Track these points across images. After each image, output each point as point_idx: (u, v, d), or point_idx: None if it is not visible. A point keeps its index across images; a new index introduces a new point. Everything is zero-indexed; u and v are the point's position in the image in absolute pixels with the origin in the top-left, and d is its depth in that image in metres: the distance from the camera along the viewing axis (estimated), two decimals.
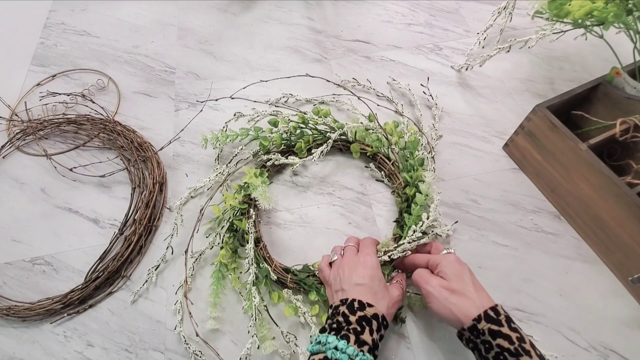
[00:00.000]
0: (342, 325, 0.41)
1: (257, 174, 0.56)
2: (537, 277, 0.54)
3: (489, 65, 0.74)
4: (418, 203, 0.55)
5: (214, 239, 0.57)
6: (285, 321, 0.52)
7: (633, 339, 0.50)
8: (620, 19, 0.51)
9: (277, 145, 0.63)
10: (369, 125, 0.64)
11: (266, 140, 0.62)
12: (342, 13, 0.87)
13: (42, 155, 0.68)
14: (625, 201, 0.48)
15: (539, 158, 0.59)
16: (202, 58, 0.80)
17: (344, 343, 0.39)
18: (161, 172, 0.65)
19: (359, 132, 0.64)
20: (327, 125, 0.64)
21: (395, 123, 0.65)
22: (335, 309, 0.43)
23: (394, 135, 0.64)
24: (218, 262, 0.55)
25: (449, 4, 0.87)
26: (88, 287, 0.55)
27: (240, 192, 0.59)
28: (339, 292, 0.45)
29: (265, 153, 0.62)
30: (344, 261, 0.48)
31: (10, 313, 0.53)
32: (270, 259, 0.55)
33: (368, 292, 0.43)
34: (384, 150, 0.63)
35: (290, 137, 0.64)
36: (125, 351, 0.52)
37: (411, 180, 0.58)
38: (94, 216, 0.62)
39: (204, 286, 0.55)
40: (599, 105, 0.59)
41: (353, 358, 0.38)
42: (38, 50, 0.83)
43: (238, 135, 0.63)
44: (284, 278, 0.53)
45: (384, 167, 0.62)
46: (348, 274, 0.45)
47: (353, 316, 0.41)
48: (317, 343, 0.40)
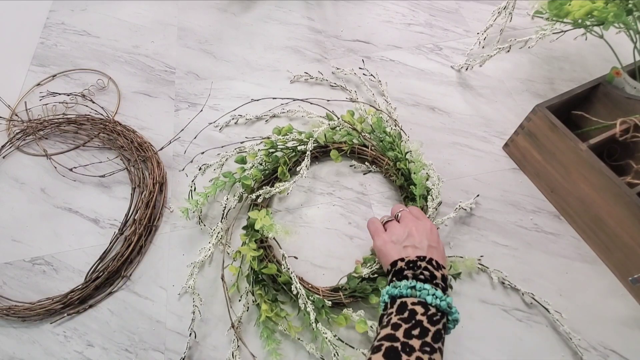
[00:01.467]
0: (429, 278, 0.40)
1: (264, 215, 0.53)
2: (537, 277, 0.54)
3: (489, 65, 0.74)
4: (416, 172, 0.56)
5: (245, 298, 0.52)
6: (356, 342, 0.50)
7: (633, 339, 0.50)
8: (620, 19, 0.51)
9: (257, 179, 0.60)
10: (333, 124, 0.63)
11: (247, 179, 0.59)
12: (342, 13, 0.87)
13: (42, 155, 0.68)
14: (625, 201, 0.48)
15: (539, 158, 0.59)
16: (202, 58, 0.80)
17: (441, 292, 0.38)
18: (161, 172, 0.65)
19: (327, 133, 0.64)
20: (295, 140, 0.63)
21: (350, 112, 0.67)
22: (413, 262, 0.42)
23: (357, 123, 0.65)
24: (262, 320, 0.50)
25: (449, 4, 0.87)
26: (88, 287, 0.55)
27: (251, 241, 0.55)
28: (408, 248, 0.44)
29: (250, 193, 0.59)
30: (410, 222, 0.46)
31: (10, 313, 0.53)
32: (315, 288, 0.53)
33: (440, 255, 0.44)
34: (357, 140, 0.64)
35: (266, 165, 0.62)
36: (125, 351, 0.52)
37: (400, 155, 0.59)
38: (94, 216, 0.62)
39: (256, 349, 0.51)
40: (599, 105, 0.59)
41: (450, 307, 0.38)
42: (38, 50, 0.83)
43: (216, 188, 0.58)
44: (337, 298, 0.51)
45: (364, 156, 0.63)
46: (419, 235, 0.45)
47: (437, 272, 0.41)
48: (410, 288, 0.39)
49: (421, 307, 0.37)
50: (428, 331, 0.36)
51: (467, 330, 0.51)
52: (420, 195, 0.56)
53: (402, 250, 0.44)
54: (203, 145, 0.68)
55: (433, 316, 0.37)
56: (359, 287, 0.51)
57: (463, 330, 0.51)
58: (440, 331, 0.36)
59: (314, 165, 0.66)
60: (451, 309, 0.38)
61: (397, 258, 0.43)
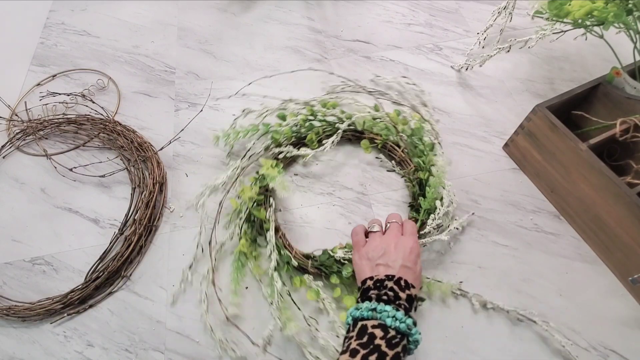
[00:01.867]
0: (393, 298, 0.40)
1: (273, 165, 0.58)
2: (537, 277, 0.54)
3: (489, 65, 0.74)
4: (432, 186, 0.56)
5: (234, 229, 0.58)
6: (305, 307, 0.53)
7: (633, 339, 0.50)
8: (620, 19, 0.51)
9: (287, 138, 0.65)
10: (376, 114, 0.65)
11: (277, 133, 0.64)
12: (342, 13, 0.87)
13: (42, 155, 0.68)
14: (625, 201, 0.48)
15: (539, 158, 0.59)
16: (202, 58, 0.80)
17: (401, 314, 0.39)
18: (161, 172, 0.65)
19: (367, 122, 0.65)
20: (335, 116, 0.65)
21: (397, 111, 0.66)
22: (379, 282, 0.43)
23: (399, 123, 0.65)
24: (238, 252, 0.56)
25: (449, 4, 0.87)
26: (88, 287, 0.55)
27: (257, 184, 0.60)
28: (381, 266, 0.44)
29: (276, 146, 0.64)
30: (390, 238, 0.47)
31: (10, 313, 0.53)
32: (290, 246, 0.57)
33: (412, 275, 0.44)
34: (393, 138, 0.64)
35: (300, 129, 0.65)
36: (125, 351, 0.52)
37: (424, 165, 0.59)
38: (94, 216, 0.62)
39: (223, 276, 0.56)
40: (599, 105, 0.59)
41: (410, 329, 0.39)
42: (38, 50, 0.83)
43: (249, 131, 0.64)
44: (304, 264, 0.54)
45: (394, 154, 0.63)
46: (396, 254, 0.45)
47: (402, 293, 0.41)
48: (371, 310, 0.39)
49: (380, 331, 0.38)
50: (386, 356, 0.36)
51: (467, 330, 0.51)
52: (425, 209, 0.55)
53: (374, 268, 0.45)
54: (203, 144, 0.68)
55: (392, 339, 0.37)
56: (327, 263, 0.53)
57: (463, 330, 0.51)
58: (398, 354, 0.37)
59: (345, 146, 0.67)
60: (411, 331, 0.39)
61: (367, 276, 0.44)
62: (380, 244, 0.47)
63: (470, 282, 0.54)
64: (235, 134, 0.64)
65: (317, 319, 0.52)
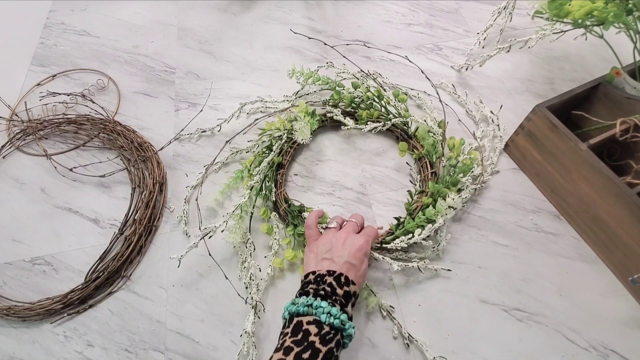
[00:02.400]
0: (329, 294, 0.42)
1: (309, 112, 0.61)
2: (537, 277, 0.54)
3: (489, 65, 0.74)
4: (426, 214, 0.54)
5: (254, 145, 0.65)
6: (261, 238, 0.58)
7: (633, 339, 0.50)
8: (620, 19, 0.51)
9: (346, 104, 0.67)
10: (432, 128, 0.63)
11: (338, 94, 0.67)
12: (342, 13, 0.87)
13: (42, 155, 0.68)
14: (625, 201, 0.48)
15: (539, 158, 0.59)
16: (202, 58, 0.80)
17: (336, 310, 0.40)
18: (161, 172, 0.65)
19: (421, 130, 0.63)
20: (397, 109, 0.66)
21: (462, 140, 0.62)
22: (320, 276, 0.44)
23: (454, 151, 0.62)
24: (244, 164, 0.62)
25: (449, 4, 0.87)
26: (88, 287, 0.55)
27: (291, 122, 0.64)
28: (325, 260, 0.45)
29: (333, 105, 0.67)
30: (341, 235, 0.48)
31: (10, 313, 0.53)
32: (280, 184, 0.60)
33: (355, 273, 0.45)
34: (432, 157, 0.61)
35: (360, 104, 0.67)
36: (125, 351, 0.52)
37: (433, 192, 0.56)
38: (94, 216, 0.62)
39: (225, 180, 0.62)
40: (599, 105, 0.59)
41: (344, 324, 0.40)
42: (38, 50, 0.83)
43: (320, 79, 0.67)
44: (279, 203, 0.58)
45: (423, 172, 0.61)
46: (342, 250, 0.46)
47: (340, 289, 0.42)
48: (307, 305, 0.40)
49: (315, 327, 0.39)
50: (319, 352, 0.37)
51: (467, 330, 0.51)
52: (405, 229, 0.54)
53: (319, 262, 0.46)
54: (203, 144, 0.68)
55: (326, 335, 0.39)
56: (294, 214, 0.57)
57: (463, 330, 0.51)
58: (332, 350, 0.38)
59: (389, 139, 0.68)
60: (344, 326, 0.40)
61: (311, 270, 0.45)
62: (330, 239, 0.48)
63: (470, 282, 0.54)
64: (308, 75, 0.67)
65: (259, 250, 0.57)
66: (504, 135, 0.66)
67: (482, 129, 0.67)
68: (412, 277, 0.55)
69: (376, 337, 0.51)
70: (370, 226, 0.51)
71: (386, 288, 0.54)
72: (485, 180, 0.62)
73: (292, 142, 0.64)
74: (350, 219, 0.51)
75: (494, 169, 0.63)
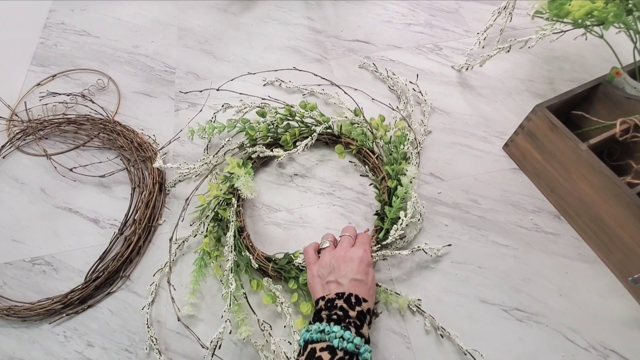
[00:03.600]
0: (342, 317, 0.41)
1: (241, 164, 0.57)
2: (537, 277, 0.54)
3: (489, 65, 0.74)
4: (399, 195, 0.55)
5: (198, 227, 0.58)
6: (263, 311, 0.53)
7: (633, 339, 0.50)
8: (620, 19, 0.51)
9: (263, 137, 0.64)
10: (354, 119, 0.64)
11: (252, 130, 0.63)
12: (342, 13, 0.87)
13: (42, 155, 0.68)
14: (625, 201, 0.48)
15: (539, 158, 0.59)
16: (202, 58, 0.80)
17: (349, 333, 0.39)
18: (161, 172, 0.65)
19: (345, 126, 0.65)
20: (313, 118, 0.65)
21: (382, 117, 0.65)
22: (330, 301, 0.43)
23: (380, 129, 0.64)
24: (201, 250, 0.56)
25: (449, 4, 0.87)
26: (88, 287, 0.55)
27: (225, 183, 0.60)
28: (332, 283, 0.45)
29: (251, 145, 0.63)
30: (340, 252, 0.47)
31: (10, 313, 0.53)
32: (252, 248, 0.56)
33: (364, 288, 0.44)
34: (368, 144, 0.63)
35: (277, 129, 0.65)
36: (125, 351, 0.52)
37: (393, 173, 0.58)
38: (94, 216, 0.62)
39: (185, 274, 0.57)
40: (599, 105, 0.59)
41: (359, 348, 0.39)
42: (38, 50, 0.83)
43: (225, 126, 0.64)
44: (265, 266, 0.54)
45: (368, 160, 0.62)
46: (345, 268, 0.45)
47: (352, 311, 0.41)
48: (320, 331, 0.40)
49: (328, 354, 0.38)
50: None
51: (467, 330, 0.51)
52: (390, 218, 0.54)
53: (325, 286, 0.45)
54: (202, 144, 0.68)
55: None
56: (286, 267, 0.53)
57: (463, 330, 0.51)
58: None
59: (321, 149, 0.67)
60: (359, 350, 0.39)
61: (320, 296, 0.45)
62: (329, 260, 0.47)
63: (470, 282, 0.54)
64: (211, 129, 0.64)
65: (274, 323, 0.52)
66: (428, 99, 0.70)
67: (404, 100, 0.70)
68: (412, 277, 0.55)
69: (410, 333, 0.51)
70: (362, 234, 0.51)
71: (386, 288, 0.54)
72: (422, 141, 0.65)
73: (238, 200, 0.59)
74: (343, 233, 0.51)
75: (426, 129, 0.67)
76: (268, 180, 0.64)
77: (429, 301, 0.53)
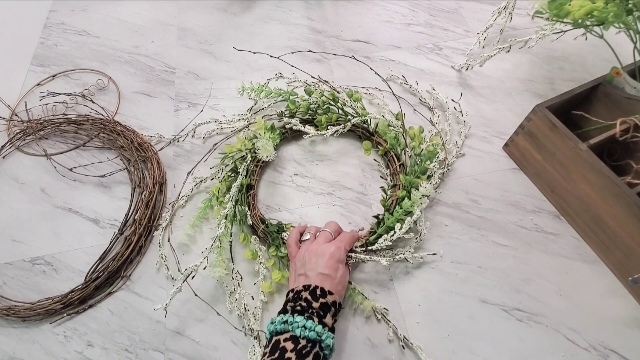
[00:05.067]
0: (305, 308, 0.42)
1: (268, 128, 0.60)
2: (537, 277, 0.54)
3: (489, 65, 0.74)
4: (403, 207, 0.54)
5: (217, 172, 0.63)
6: (241, 264, 0.56)
7: (633, 339, 0.50)
8: (620, 19, 0.51)
9: (302, 112, 0.66)
10: (392, 122, 0.64)
11: (293, 103, 0.66)
12: (342, 13, 0.87)
13: (42, 155, 0.68)
14: (625, 201, 0.48)
15: (539, 158, 0.59)
16: (202, 58, 0.80)
17: (311, 322, 0.40)
18: (161, 172, 0.65)
19: (381, 126, 0.64)
20: (354, 109, 0.66)
21: (421, 128, 0.64)
22: (297, 293, 0.44)
23: (415, 140, 0.63)
24: (212, 192, 0.60)
25: (449, 4, 0.87)
26: (88, 287, 0.55)
27: (251, 140, 0.62)
28: (301, 276, 0.46)
29: (289, 116, 0.66)
30: (313, 247, 0.48)
31: (10, 313, 0.53)
32: (254, 206, 0.58)
33: (330, 282, 0.45)
34: (397, 149, 0.63)
35: (317, 109, 0.66)
36: (125, 351, 0.52)
37: (406, 184, 0.57)
38: (94, 216, 0.62)
39: (194, 213, 0.60)
40: (599, 105, 0.59)
41: (320, 335, 0.40)
42: (38, 50, 0.83)
43: (272, 92, 0.67)
44: (257, 226, 0.56)
45: (391, 165, 0.62)
46: (315, 262, 0.46)
47: (316, 302, 0.43)
48: (283, 322, 0.41)
49: (291, 343, 0.39)
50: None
51: (467, 330, 0.51)
52: (387, 225, 0.54)
53: (296, 278, 0.47)
54: (203, 144, 0.68)
55: (303, 349, 0.39)
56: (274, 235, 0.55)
57: (463, 330, 0.51)
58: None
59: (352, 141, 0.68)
60: (321, 337, 0.40)
61: (290, 288, 0.46)
62: (303, 253, 0.48)
63: (470, 282, 0.54)
64: (259, 91, 0.66)
65: (249, 278, 0.55)
66: (467, 120, 0.68)
67: (438, 114, 0.68)
68: (413, 278, 0.55)
69: (376, 338, 0.51)
70: (346, 232, 0.51)
71: (386, 289, 0.54)
72: (451, 163, 0.64)
73: (257, 160, 0.62)
74: (324, 228, 0.52)
75: (459, 152, 0.65)
76: (268, 180, 0.64)
77: (429, 301, 0.53)
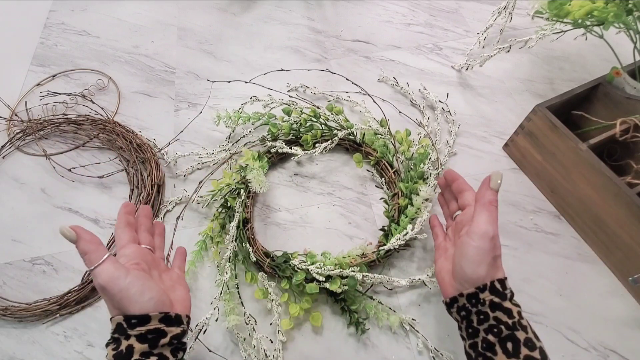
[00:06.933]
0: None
1: (256, 157, 0.57)
2: (537, 277, 0.54)
3: (489, 65, 0.74)
4: (408, 215, 0.54)
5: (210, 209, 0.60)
6: (251, 304, 0.53)
7: (633, 339, 0.50)
8: (620, 19, 0.51)
9: (285, 134, 0.64)
10: (378, 129, 0.63)
11: (275, 127, 0.63)
12: (342, 13, 0.87)
13: (42, 155, 0.68)
14: (625, 201, 0.48)
15: (539, 158, 0.59)
16: (202, 58, 0.80)
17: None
18: (159, 174, 0.65)
19: (368, 135, 0.64)
20: (337, 122, 0.65)
21: (408, 132, 0.63)
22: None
23: (404, 144, 0.62)
24: (205, 234, 0.57)
25: (449, 4, 0.87)
26: (85, 287, 0.55)
27: (239, 173, 0.60)
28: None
29: (272, 140, 0.63)
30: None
31: (7, 314, 0.53)
32: (254, 241, 0.56)
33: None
34: (388, 157, 0.62)
35: (299, 128, 0.65)
36: None
37: (406, 191, 0.57)
38: (94, 216, 0.62)
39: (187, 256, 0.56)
40: (599, 105, 0.59)
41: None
42: (38, 50, 0.83)
43: (250, 117, 0.65)
44: (262, 261, 0.54)
45: (385, 173, 0.61)
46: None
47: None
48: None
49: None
50: None
51: None
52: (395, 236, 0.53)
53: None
54: (203, 144, 0.68)
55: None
56: (282, 266, 0.52)
57: None
58: None
59: (342, 155, 0.67)
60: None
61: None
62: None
63: None
64: (236, 117, 0.65)
65: (261, 318, 0.52)
66: (456, 119, 0.68)
67: (428, 115, 0.68)
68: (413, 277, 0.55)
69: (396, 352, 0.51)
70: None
71: (386, 289, 0.54)
72: (444, 163, 0.63)
73: (248, 192, 0.59)
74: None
75: (451, 150, 0.65)
76: (268, 180, 0.64)
77: (429, 301, 0.53)
